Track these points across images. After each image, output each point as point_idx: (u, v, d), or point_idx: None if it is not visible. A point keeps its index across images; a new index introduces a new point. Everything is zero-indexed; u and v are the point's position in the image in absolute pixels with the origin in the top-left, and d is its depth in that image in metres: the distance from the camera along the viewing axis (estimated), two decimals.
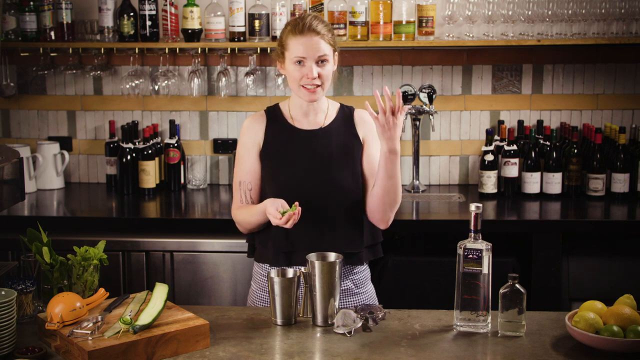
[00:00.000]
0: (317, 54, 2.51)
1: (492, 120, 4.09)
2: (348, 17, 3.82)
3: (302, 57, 2.51)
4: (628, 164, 3.80)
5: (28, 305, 2.33)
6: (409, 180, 4.11)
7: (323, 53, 2.52)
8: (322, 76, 2.52)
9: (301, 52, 2.51)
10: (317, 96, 2.55)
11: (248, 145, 2.63)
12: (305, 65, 2.51)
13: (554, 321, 2.32)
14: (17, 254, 3.11)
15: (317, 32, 2.51)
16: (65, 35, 3.93)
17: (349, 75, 4.07)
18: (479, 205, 2.23)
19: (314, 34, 2.51)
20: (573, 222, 3.53)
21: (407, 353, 2.11)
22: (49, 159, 4.04)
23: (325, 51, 2.52)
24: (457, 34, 3.90)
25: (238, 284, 3.41)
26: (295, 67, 2.53)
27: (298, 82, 2.53)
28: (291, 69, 2.54)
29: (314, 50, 2.50)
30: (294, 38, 2.53)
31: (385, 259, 3.48)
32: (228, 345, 2.15)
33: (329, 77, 2.55)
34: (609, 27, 3.83)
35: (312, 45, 2.50)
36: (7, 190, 2.69)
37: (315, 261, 2.28)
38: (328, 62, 2.54)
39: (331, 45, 2.56)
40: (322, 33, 2.52)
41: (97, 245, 2.42)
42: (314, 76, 2.50)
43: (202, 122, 4.15)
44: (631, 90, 4.05)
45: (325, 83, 2.54)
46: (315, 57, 2.51)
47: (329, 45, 2.54)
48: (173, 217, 3.64)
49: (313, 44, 2.50)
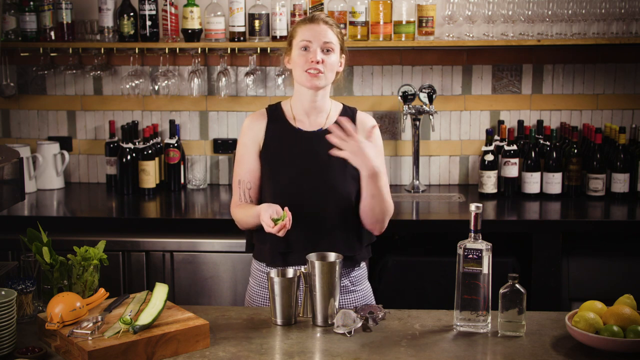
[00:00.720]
0: (323, 40, 2.54)
1: (492, 120, 4.09)
2: (348, 17, 3.83)
3: (308, 41, 2.54)
4: (628, 164, 3.80)
5: (28, 305, 2.33)
6: (409, 180, 4.11)
7: (329, 40, 2.54)
8: (326, 63, 2.53)
9: (308, 36, 2.54)
10: (319, 82, 2.55)
11: (248, 145, 2.64)
12: (310, 50, 2.53)
13: (554, 321, 2.32)
14: (17, 254, 3.11)
15: (326, 22, 2.57)
16: (65, 35, 3.93)
17: (349, 75, 4.07)
18: (479, 205, 2.23)
19: (323, 23, 2.56)
20: (573, 222, 3.53)
21: (407, 353, 2.11)
22: (49, 159, 4.04)
23: (331, 39, 2.55)
24: (457, 34, 3.90)
25: (238, 284, 3.41)
26: (301, 53, 2.55)
27: (302, 68, 2.54)
28: (296, 55, 2.56)
29: (320, 35, 2.54)
30: (303, 25, 2.58)
31: (385, 259, 3.48)
32: (228, 345, 2.15)
33: (332, 68, 2.56)
34: (609, 27, 3.83)
35: (319, 31, 2.54)
36: (7, 190, 2.69)
37: (315, 261, 2.28)
38: (333, 52, 2.55)
39: (339, 40, 2.59)
40: (330, 24, 2.58)
41: (97, 245, 2.42)
42: (318, 59, 2.52)
43: (202, 122, 4.15)
44: (631, 90, 4.05)
45: (328, 72, 2.55)
46: (321, 42, 2.53)
47: (336, 37, 2.57)
48: (173, 217, 3.64)
49: (320, 30, 2.54)
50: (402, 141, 4.10)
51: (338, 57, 2.59)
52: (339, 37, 2.59)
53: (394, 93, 4.07)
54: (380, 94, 4.09)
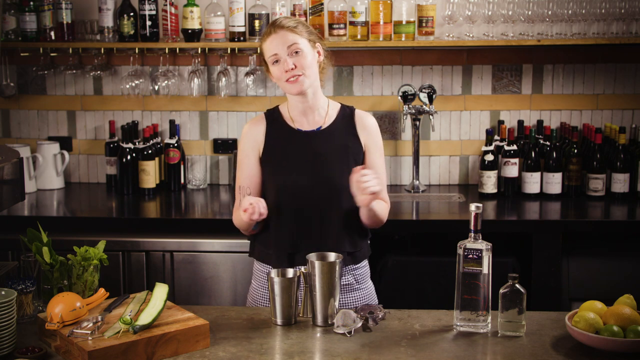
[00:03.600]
0: (286, 45, 2.52)
1: (492, 120, 4.09)
2: (348, 17, 3.82)
3: (274, 55, 2.54)
4: (628, 164, 3.80)
5: (28, 305, 2.33)
6: (409, 180, 4.11)
7: (291, 43, 2.52)
8: (299, 65, 2.52)
9: (272, 49, 2.54)
10: (301, 86, 2.54)
11: (247, 151, 2.64)
12: (280, 61, 2.53)
13: (554, 321, 2.32)
14: (17, 254, 3.11)
15: (283, 26, 2.54)
16: (65, 35, 3.93)
17: (349, 75, 4.07)
18: (479, 205, 2.23)
19: (280, 29, 2.54)
20: (573, 222, 3.52)
21: (407, 353, 2.11)
22: (49, 159, 4.04)
23: (294, 40, 2.53)
24: (457, 34, 3.90)
25: (238, 284, 3.41)
26: (275, 67, 2.55)
27: (282, 80, 2.54)
28: (273, 70, 2.57)
29: (282, 43, 2.52)
30: (267, 39, 2.57)
31: (385, 259, 3.48)
32: (228, 345, 2.15)
33: (309, 66, 2.54)
34: (609, 27, 3.83)
35: (280, 39, 2.53)
36: (7, 190, 2.69)
37: (315, 261, 2.28)
38: (301, 51, 2.53)
39: (303, 36, 2.55)
40: (288, 26, 2.54)
41: (97, 245, 2.42)
42: (290, 67, 2.51)
43: (202, 122, 4.15)
44: (631, 90, 4.05)
45: (306, 71, 2.53)
46: (285, 49, 2.52)
47: (298, 36, 2.54)
48: (173, 217, 3.64)
49: (280, 38, 2.53)
50: (402, 141, 4.10)
51: (311, 50, 2.56)
52: (304, 33, 2.56)
53: (394, 93, 4.07)
54: (380, 94, 4.09)
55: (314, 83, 2.58)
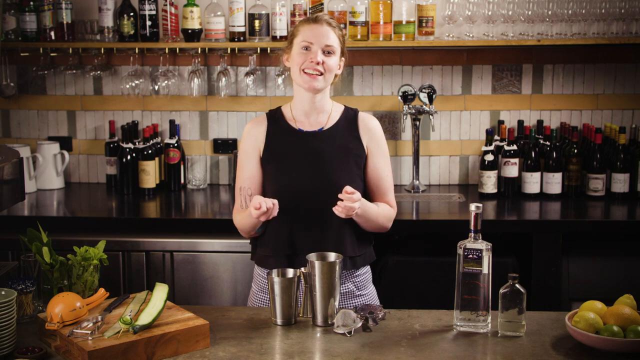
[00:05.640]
0: (325, 42, 2.54)
1: (492, 120, 4.09)
2: (348, 17, 3.83)
3: (309, 42, 2.54)
4: (628, 164, 3.80)
5: (28, 305, 2.33)
6: (409, 180, 4.11)
7: (331, 43, 2.55)
8: (326, 65, 2.54)
9: (310, 37, 2.54)
10: (317, 84, 2.55)
11: (248, 151, 2.64)
12: (311, 50, 2.53)
13: (554, 321, 2.32)
14: (17, 254, 3.11)
15: (329, 23, 2.57)
16: (65, 35, 3.93)
17: (349, 75, 4.07)
18: (479, 205, 2.23)
19: (326, 25, 2.56)
20: (573, 222, 3.52)
21: (407, 353, 2.11)
22: (49, 159, 4.04)
23: (333, 42, 2.55)
24: (457, 34, 3.90)
25: (238, 284, 3.41)
26: (301, 52, 2.55)
27: (300, 67, 2.54)
28: (296, 53, 2.56)
29: (323, 37, 2.54)
30: (306, 25, 2.58)
31: (385, 259, 3.48)
32: (228, 345, 2.15)
33: (332, 70, 2.56)
34: (609, 27, 3.83)
35: (322, 33, 2.54)
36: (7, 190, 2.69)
37: (315, 261, 2.28)
38: (334, 55, 2.56)
39: (340, 42, 2.59)
40: (333, 26, 2.58)
41: (97, 245, 2.42)
42: (318, 60, 2.52)
43: (202, 122, 4.15)
44: (631, 90, 4.05)
45: (327, 74, 2.55)
46: (323, 44, 2.54)
47: (337, 40, 2.57)
48: (173, 217, 3.64)
49: (323, 32, 2.54)
50: (402, 141, 4.10)
51: (338, 60, 2.59)
52: (340, 40, 2.59)
53: (394, 93, 4.07)
54: (380, 94, 4.09)
55: (326, 87, 2.60)
